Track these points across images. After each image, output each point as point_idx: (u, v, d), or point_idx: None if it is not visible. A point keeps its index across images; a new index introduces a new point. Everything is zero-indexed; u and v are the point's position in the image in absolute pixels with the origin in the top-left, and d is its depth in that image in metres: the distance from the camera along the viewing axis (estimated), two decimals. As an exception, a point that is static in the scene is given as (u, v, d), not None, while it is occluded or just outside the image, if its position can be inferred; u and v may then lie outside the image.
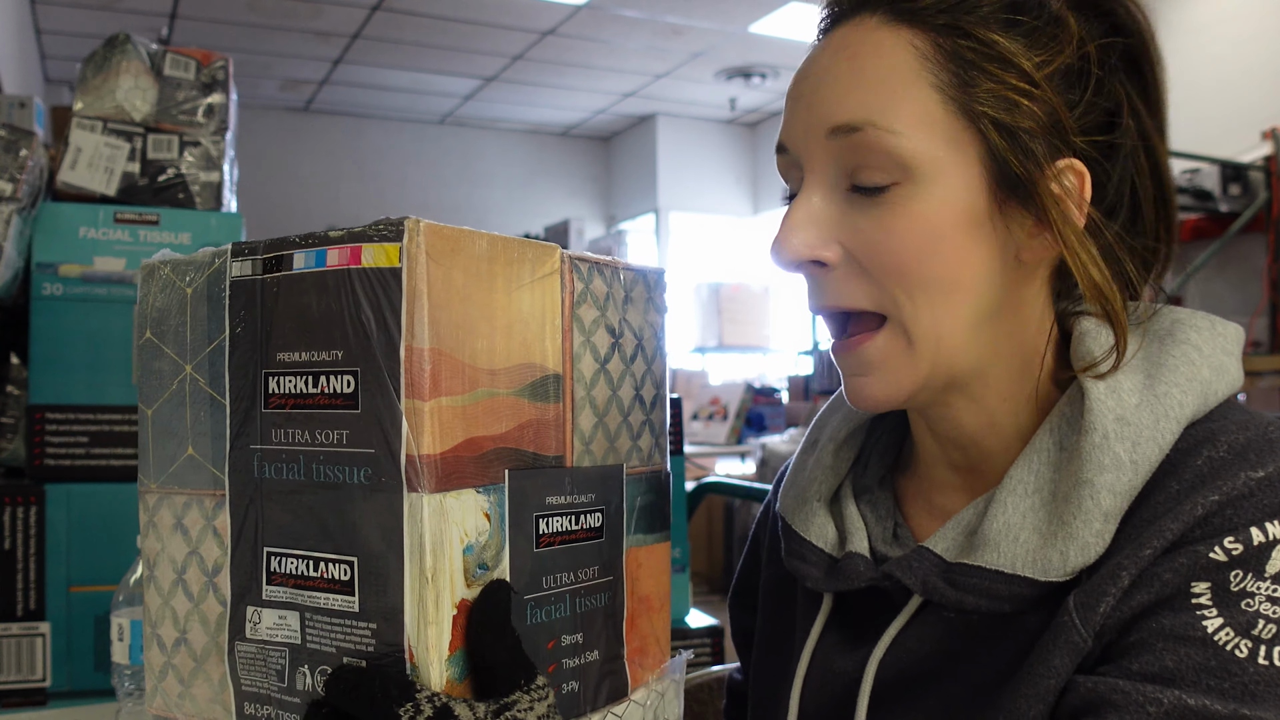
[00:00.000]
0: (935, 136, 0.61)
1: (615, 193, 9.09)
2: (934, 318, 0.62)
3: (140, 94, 1.30)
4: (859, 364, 0.64)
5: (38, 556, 1.14)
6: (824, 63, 0.64)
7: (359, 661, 0.51)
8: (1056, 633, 0.58)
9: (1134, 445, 0.59)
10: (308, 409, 0.53)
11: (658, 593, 0.66)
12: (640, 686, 0.64)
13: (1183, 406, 0.61)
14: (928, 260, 0.61)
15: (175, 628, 0.61)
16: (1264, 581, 0.54)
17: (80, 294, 1.19)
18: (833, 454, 0.76)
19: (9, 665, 1.13)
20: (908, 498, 0.74)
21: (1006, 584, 0.61)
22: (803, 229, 0.63)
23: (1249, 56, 4.84)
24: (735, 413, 5.49)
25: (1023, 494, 0.62)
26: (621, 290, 0.63)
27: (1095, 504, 0.59)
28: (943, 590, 0.63)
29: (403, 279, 0.50)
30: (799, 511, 0.75)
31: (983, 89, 0.61)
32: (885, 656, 0.67)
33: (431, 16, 6.20)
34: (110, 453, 1.18)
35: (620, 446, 0.63)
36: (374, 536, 0.51)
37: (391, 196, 8.34)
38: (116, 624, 0.85)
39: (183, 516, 0.61)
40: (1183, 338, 0.64)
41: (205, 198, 1.31)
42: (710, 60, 7.11)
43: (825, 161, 0.63)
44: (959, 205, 0.61)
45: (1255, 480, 0.56)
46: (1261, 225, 4.41)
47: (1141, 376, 0.62)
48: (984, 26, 0.61)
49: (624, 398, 0.63)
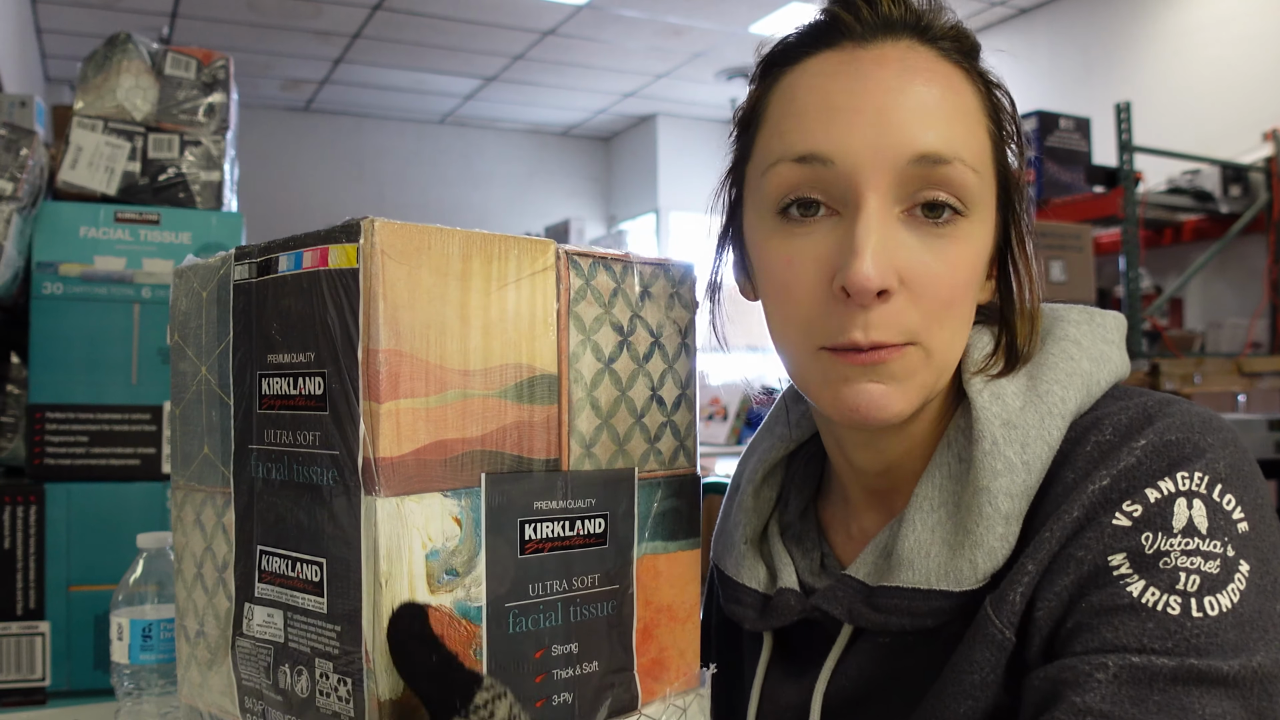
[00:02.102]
0: (987, 180, 0.63)
1: (615, 193, 9.08)
2: (952, 347, 0.64)
3: (141, 93, 1.30)
4: (883, 373, 0.61)
5: (37, 556, 1.14)
6: (890, 81, 0.61)
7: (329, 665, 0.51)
8: (975, 630, 0.60)
9: (1023, 446, 0.61)
10: (290, 410, 0.53)
11: (683, 602, 0.64)
12: (656, 700, 0.61)
13: (1065, 402, 0.62)
14: (967, 294, 0.63)
15: (195, 620, 0.62)
16: (1174, 538, 0.55)
17: (80, 293, 1.19)
18: (752, 495, 0.77)
19: (8, 664, 1.13)
20: (832, 525, 0.75)
21: (924, 600, 0.62)
22: (880, 257, 0.59)
23: (1249, 57, 4.84)
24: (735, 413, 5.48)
25: (929, 510, 0.63)
26: (637, 285, 0.61)
27: (995, 509, 0.60)
28: (868, 615, 0.64)
29: (359, 280, 0.49)
30: (728, 556, 0.76)
31: (1005, 133, 0.65)
32: (829, 687, 0.68)
33: (432, 16, 6.20)
34: (110, 452, 1.18)
35: (633, 450, 0.61)
36: (339, 539, 0.50)
37: (392, 196, 8.33)
38: (116, 623, 0.85)
39: (200, 513, 0.62)
40: (1060, 334, 0.66)
41: (206, 197, 1.31)
42: (711, 60, 7.11)
43: (893, 184, 0.60)
44: (989, 244, 0.65)
45: (1139, 449, 0.58)
46: (1262, 226, 4.41)
47: (1024, 379, 0.64)
48: (993, 79, 0.67)
49: (636, 398, 0.61)
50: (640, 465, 0.61)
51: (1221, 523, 0.56)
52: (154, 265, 1.22)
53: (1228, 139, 4.69)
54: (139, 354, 1.20)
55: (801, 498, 0.77)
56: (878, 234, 0.60)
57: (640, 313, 0.61)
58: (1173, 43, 5.20)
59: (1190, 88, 5.03)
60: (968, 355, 0.66)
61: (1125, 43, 5.47)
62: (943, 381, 0.64)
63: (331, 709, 0.51)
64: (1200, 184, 4.41)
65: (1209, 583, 0.54)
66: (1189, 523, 0.56)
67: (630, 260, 0.61)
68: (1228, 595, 0.54)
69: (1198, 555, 0.55)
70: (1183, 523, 0.56)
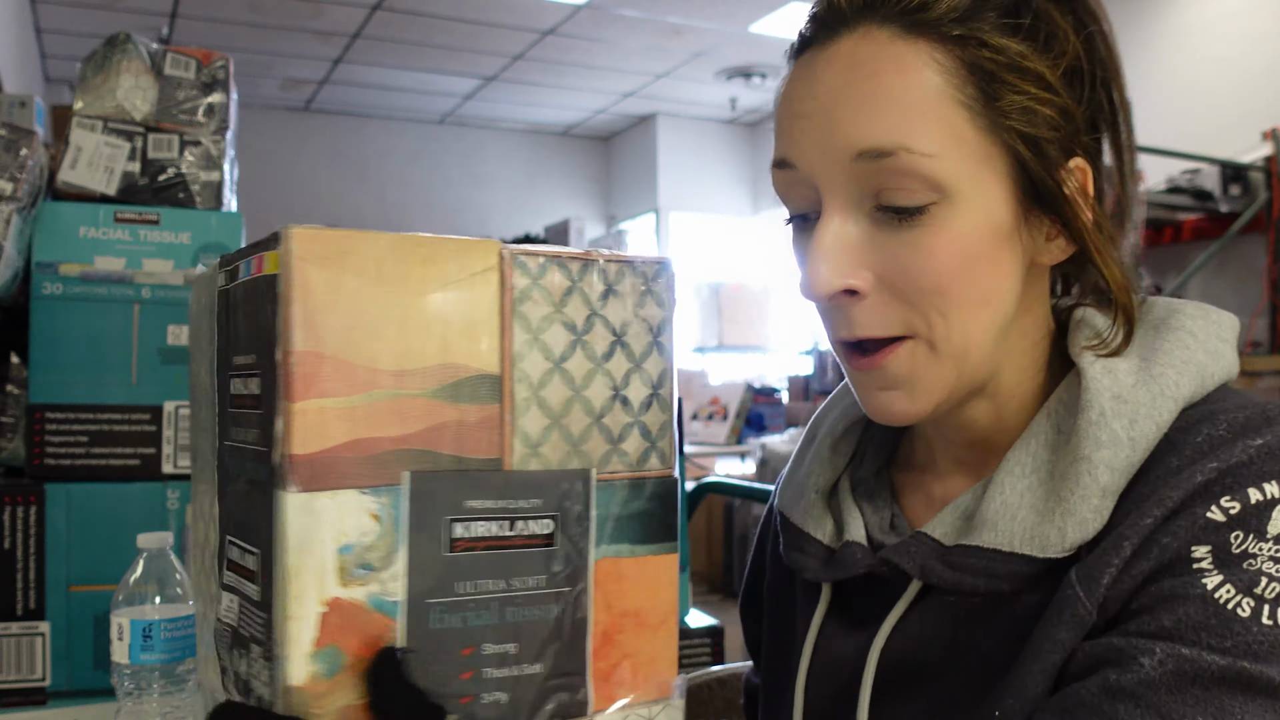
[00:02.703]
0: (966, 155, 0.60)
1: (615, 193, 9.08)
2: (965, 332, 0.62)
3: (140, 93, 1.30)
4: (885, 378, 0.63)
5: (37, 556, 1.14)
6: (836, 80, 0.61)
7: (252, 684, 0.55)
8: (1060, 606, 0.58)
9: (1131, 423, 0.60)
10: (243, 409, 0.57)
11: (655, 608, 0.62)
12: (614, 707, 0.60)
13: (1179, 387, 0.61)
14: (965, 279, 0.61)
15: (202, 604, 0.67)
16: (1266, 542, 0.54)
17: (80, 293, 1.19)
18: (830, 448, 0.76)
19: (8, 665, 1.13)
20: (905, 490, 0.74)
21: (1004, 562, 0.61)
22: (834, 257, 0.61)
23: (1249, 56, 4.84)
24: (735, 413, 5.49)
25: (1020, 475, 0.62)
26: (601, 284, 0.60)
27: (1093, 479, 0.59)
28: (941, 572, 0.63)
29: (278, 285, 0.52)
30: (796, 505, 0.75)
31: (1007, 101, 0.60)
32: (887, 644, 0.67)
33: (432, 16, 6.20)
34: (110, 452, 1.18)
35: (590, 450, 0.59)
36: (266, 531, 0.53)
37: (392, 196, 8.33)
38: (116, 623, 0.85)
39: (201, 506, 0.66)
40: (1177, 324, 0.64)
41: (205, 197, 1.31)
42: (710, 60, 7.11)
43: (847, 184, 0.61)
44: (991, 220, 0.61)
45: (1254, 448, 0.57)
46: (1261, 225, 4.41)
47: (1137, 360, 0.63)
48: (997, 33, 0.60)
49: (594, 398, 0.60)
50: (601, 466, 0.60)
51: None
52: (154, 265, 1.22)
53: (1227, 138, 4.69)
54: (139, 354, 1.20)
55: (878, 458, 0.76)
56: (829, 237, 0.61)
57: (601, 311, 0.60)
58: (1172, 42, 5.20)
59: (1190, 87, 5.03)
60: (1078, 329, 0.65)
61: (1125, 42, 5.42)
62: (969, 370, 0.63)
63: (260, 692, 0.54)
64: (1200, 183, 4.41)
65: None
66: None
67: (591, 258, 0.60)
68: None
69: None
70: (1278, 529, 0.54)
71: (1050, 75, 0.61)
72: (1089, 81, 0.63)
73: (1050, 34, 0.62)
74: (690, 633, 1.37)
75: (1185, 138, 4.65)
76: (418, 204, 8.38)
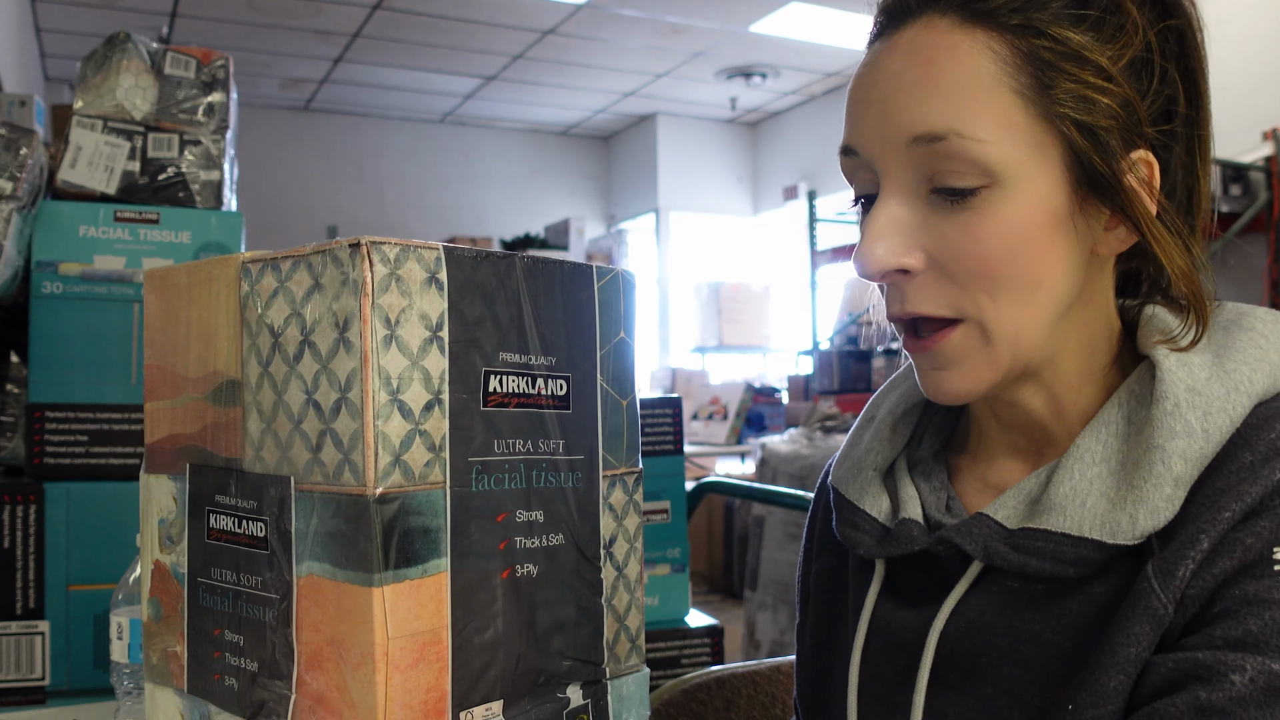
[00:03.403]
0: (1019, 141, 0.61)
1: (615, 192, 9.09)
2: (1016, 317, 0.63)
3: (140, 92, 1.30)
4: (938, 359, 0.65)
5: (37, 555, 1.13)
6: (896, 67, 0.63)
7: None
8: (1135, 600, 0.58)
9: (1205, 415, 0.60)
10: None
11: (355, 647, 0.51)
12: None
13: (1252, 383, 0.61)
14: (1014, 263, 0.61)
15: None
16: None
17: (80, 293, 1.19)
18: (890, 428, 0.77)
19: (8, 664, 1.13)
20: (961, 474, 0.74)
21: (1073, 547, 0.60)
22: (887, 237, 0.63)
23: (1249, 56, 4.84)
24: (735, 413, 5.48)
25: (1090, 462, 0.63)
26: (309, 279, 0.54)
27: (1166, 468, 0.59)
28: (1005, 554, 0.63)
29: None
30: (853, 481, 0.75)
31: (1062, 89, 0.61)
32: (945, 626, 0.66)
33: (432, 16, 6.20)
34: (110, 451, 1.18)
35: (295, 458, 0.55)
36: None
37: (391, 196, 8.33)
38: (116, 623, 0.85)
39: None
40: (1248, 325, 0.65)
41: (205, 196, 1.31)
42: (710, 60, 7.11)
43: (904, 168, 0.63)
44: (1043, 207, 0.61)
45: None
46: (1262, 226, 4.41)
47: (1210, 356, 0.63)
48: (1057, 23, 0.61)
49: (292, 403, 0.55)
50: (304, 475, 0.54)
51: None
52: (153, 265, 1.22)
53: (1228, 138, 4.68)
54: (139, 353, 1.20)
55: (936, 441, 0.77)
56: (884, 217, 0.63)
57: (300, 309, 0.55)
58: (1173, 42, 5.19)
59: (1190, 87, 5.02)
60: (1148, 325, 0.66)
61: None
62: (1022, 354, 0.64)
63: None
64: (1200, 183, 4.40)
65: None
66: None
67: (302, 254, 0.55)
68: None
69: None
70: None
71: (1111, 66, 0.61)
72: (1158, 73, 0.63)
73: (1119, 25, 0.62)
74: (690, 632, 1.37)
75: (1185, 138, 4.64)
76: (417, 204, 8.38)
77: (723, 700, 1.07)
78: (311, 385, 0.54)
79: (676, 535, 1.39)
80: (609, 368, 0.64)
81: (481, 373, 0.56)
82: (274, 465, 0.56)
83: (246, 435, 0.58)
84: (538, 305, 0.59)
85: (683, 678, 1.07)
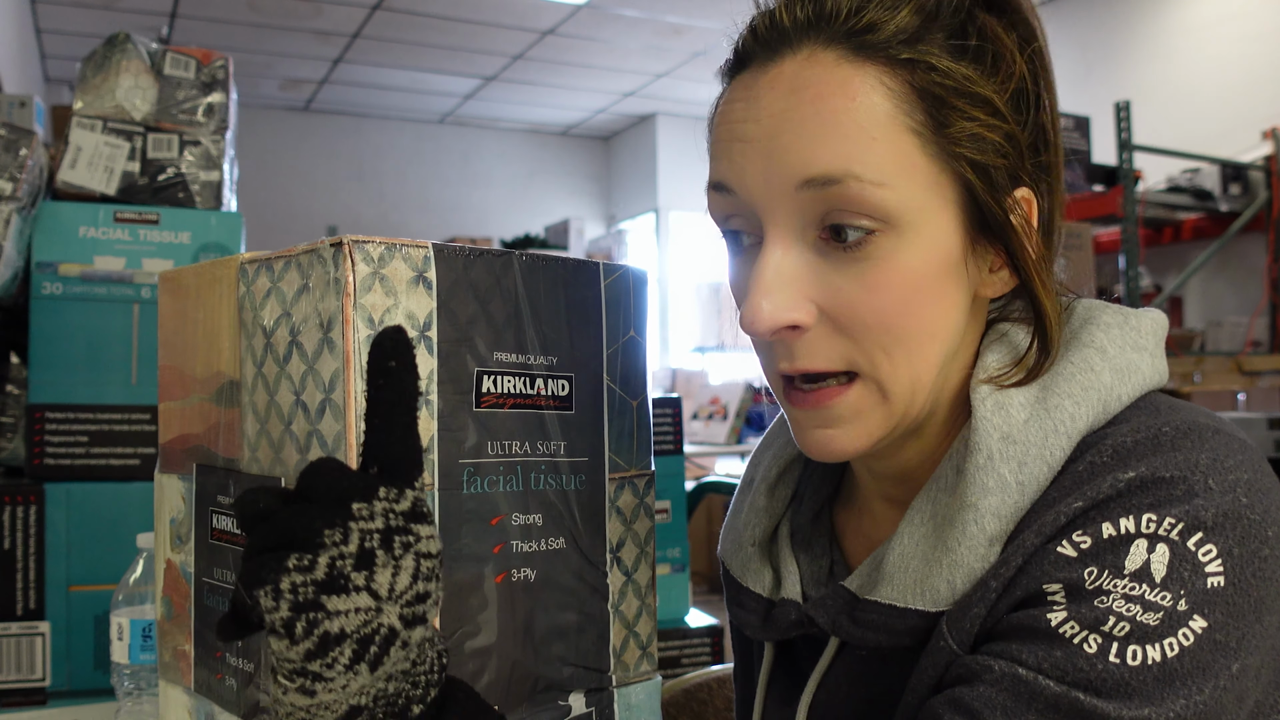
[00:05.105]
0: (916, 183, 0.57)
1: (615, 192, 9.08)
2: (912, 371, 0.59)
3: (140, 93, 1.30)
4: (827, 417, 0.60)
5: (37, 556, 1.14)
6: (779, 104, 0.58)
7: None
8: (933, 656, 0.57)
9: (1020, 465, 0.57)
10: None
11: None
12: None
13: (1075, 419, 0.58)
14: (910, 314, 0.58)
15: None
16: (1121, 579, 0.52)
17: (80, 293, 1.19)
18: (766, 495, 0.73)
19: (8, 665, 1.13)
20: (847, 531, 0.71)
21: (900, 618, 0.59)
22: (776, 292, 0.57)
23: (1249, 56, 4.84)
24: (735, 412, 5.48)
25: (919, 523, 0.60)
26: (299, 279, 0.55)
27: (980, 529, 0.57)
28: (849, 628, 0.61)
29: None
30: (735, 557, 0.73)
31: (957, 128, 0.57)
32: (813, 702, 0.65)
33: (431, 16, 6.20)
34: (110, 452, 1.18)
35: (286, 459, 0.55)
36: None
37: (391, 196, 8.33)
38: (116, 623, 0.85)
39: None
40: (1087, 340, 0.61)
41: (205, 197, 1.31)
42: (710, 59, 7.11)
43: (791, 213, 0.58)
44: (939, 251, 0.58)
45: (1124, 481, 0.54)
46: (1261, 225, 4.41)
47: (1036, 390, 0.59)
48: (945, 56, 0.57)
49: (283, 404, 0.55)
50: (293, 476, 0.55)
51: (1184, 574, 0.52)
52: (153, 265, 1.22)
53: (1227, 138, 4.69)
54: (139, 354, 1.20)
55: (817, 499, 0.73)
56: (772, 270, 0.58)
57: (290, 310, 0.55)
58: (1172, 41, 5.20)
59: (1190, 87, 5.03)
60: (980, 360, 0.62)
61: (1125, 41, 5.47)
62: (915, 408, 0.60)
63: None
64: (1200, 182, 4.41)
65: (1140, 632, 0.51)
66: (1143, 567, 0.52)
67: (292, 254, 0.55)
68: (1160, 648, 0.50)
69: (1139, 603, 0.51)
70: (1136, 566, 0.52)
71: (998, 100, 0.58)
72: (1033, 102, 0.60)
73: (997, 54, 0.59)
74: (690, 632, 1.37)
75: (1185, 137, 4.64)
76: (417, 204, 8.38)
77: (723, 700, 1.07)
78: (299, 386, 0.54)
79: (676, 535, 1.39)
80: (617, 367, 0.62)
81: (474, 373, 0.55)
82: (268, 466, 0.56)
83: (244, 436, 0.58)
84: (537, 304, 0.58)
85: (683, 677, 1.07)
